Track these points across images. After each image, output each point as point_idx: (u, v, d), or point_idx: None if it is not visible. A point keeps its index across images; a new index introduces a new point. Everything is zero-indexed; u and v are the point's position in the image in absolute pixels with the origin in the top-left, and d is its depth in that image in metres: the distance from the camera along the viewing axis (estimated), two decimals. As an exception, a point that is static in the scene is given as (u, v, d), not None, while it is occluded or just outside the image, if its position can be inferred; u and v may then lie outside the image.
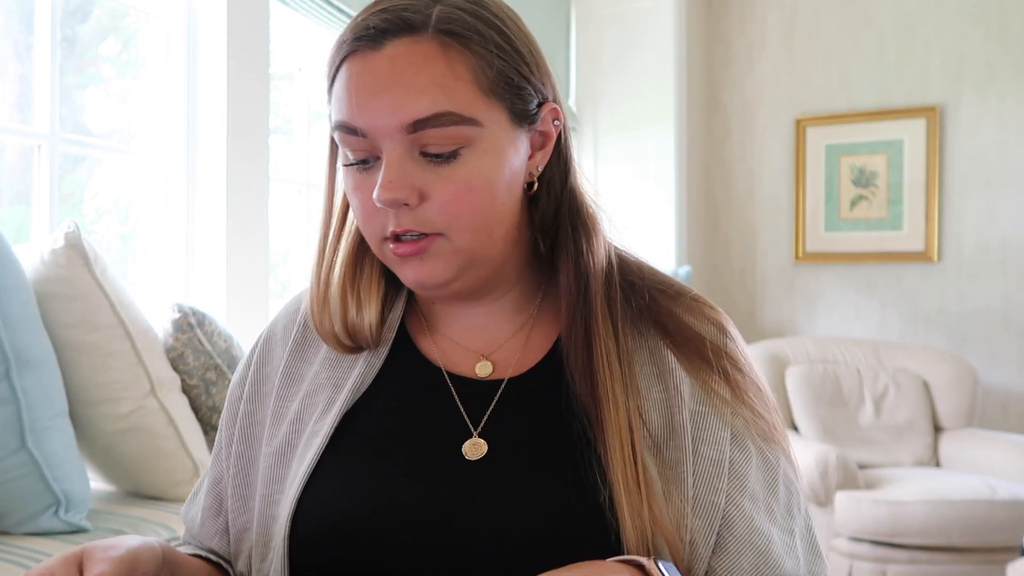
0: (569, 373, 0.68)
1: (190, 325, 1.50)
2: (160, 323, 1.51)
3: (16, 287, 1.19)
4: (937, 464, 3.10)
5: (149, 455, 1.38)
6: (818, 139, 3.83)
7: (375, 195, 0.63)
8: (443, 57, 0.62)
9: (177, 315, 1.50)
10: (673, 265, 3.56)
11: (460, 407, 0.70)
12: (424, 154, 0.64)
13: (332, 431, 0.70)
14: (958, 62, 3.60)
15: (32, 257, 1.33)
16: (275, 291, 2.36)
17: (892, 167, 3.70)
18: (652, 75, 3.57)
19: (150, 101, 2.00)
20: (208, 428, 1.53)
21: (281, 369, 0.75)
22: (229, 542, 0.75)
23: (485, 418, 0.69)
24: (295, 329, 0.77)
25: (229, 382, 1.54)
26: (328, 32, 2.35)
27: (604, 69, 3.65)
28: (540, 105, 0.69)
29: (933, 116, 3.61)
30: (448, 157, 0.63)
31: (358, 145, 0.65)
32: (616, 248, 0.74)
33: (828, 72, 3.83)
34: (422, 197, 0.64)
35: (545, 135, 0.70)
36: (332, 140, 0.70)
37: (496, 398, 0.70)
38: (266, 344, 0.78)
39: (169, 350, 1.49)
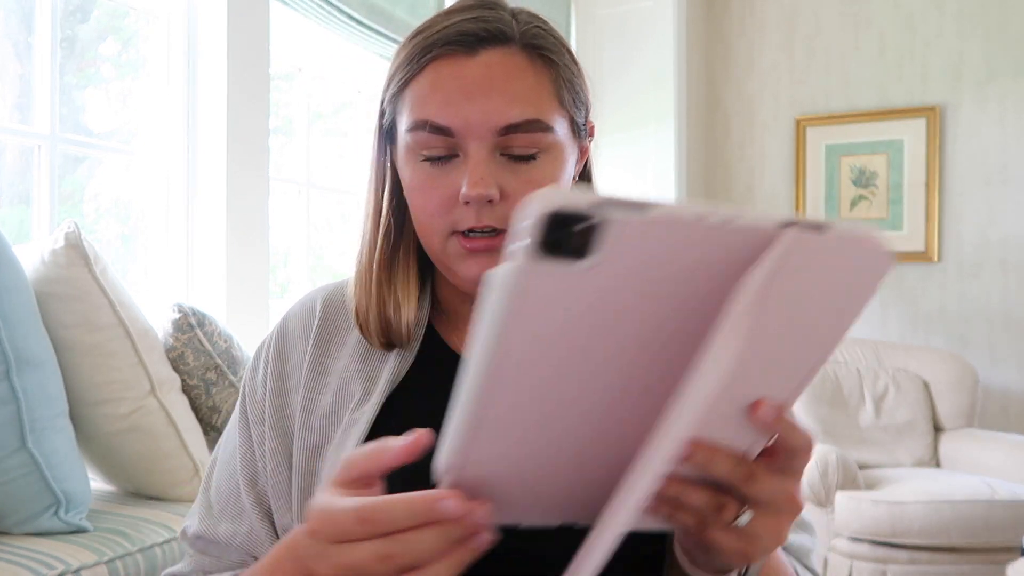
0: None
1: (190, 325, 1.50)
2: (160, 323, 1.51)
3: (16, 287, 1.19)
4: (937, 464, 3.10)
5: (149, 455, 1.38)
6: (818, 139, 3.83)
7: (464, 191, 0.67)
8: (531, 68, 0.69)
9: (177, 315, 1.50)
10: (673, 265, 3.56)
11: None
12: (504, 155, 0.69)
13: (374, 419, 0.71)
14: (958, 62, 3.60)
15: (32, 257, 1.33)
16: (275, 291, 2.36)
17: (892, 167, 3.70)
18: (652, 75, 3.57)
19: (150, 101, 2.00)
20: (208, 428, 1.53)
21: (307, 363, 0.75)
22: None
23: None
24: (315, 324, 0.77)
25: (229, 382, 1.54)
26: (328, 32, 2.35)
27: (604, 69, 3.65)
28: (586, 120, 0.75)
29: (933, 116, 3.61)
30: (527, 159, 0.69)
31: (439, 143, 0.68)
32: None
33: (828, 72, 3.83)
34: (502, 195, 0.68)
35: (584, 148, 0.77)
36: (381, 139, 0.74)
37: None
38: (281, 342, 0.78)
39: (169, 350, 1.49)
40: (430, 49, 0.68)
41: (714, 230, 0.40)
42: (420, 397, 0.73)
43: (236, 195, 1.98)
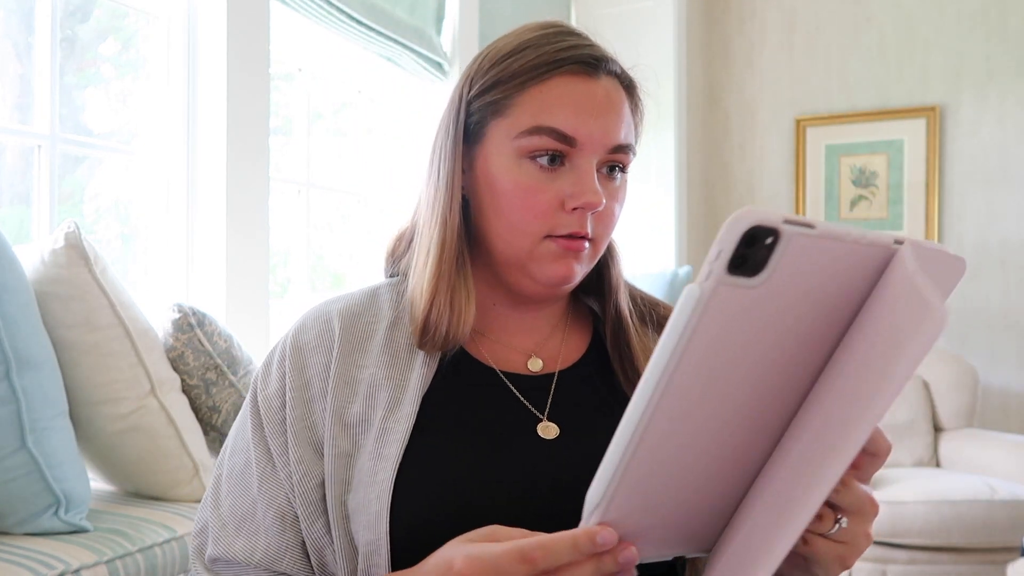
0: (617, 363, 0.80)
1: (190, 325, 1.50)
2: (160, 323, 1.51)
3: (16, 287, 1.19)
4: (937, 464, 3.10)
5: (149, 455, 1.38)
6: (818, 139, 3.83)
7: (585, 199, 0.73)
8: (629, 101, 0.79)
9: (177, 315, 1.50)
10: (673, 265, 3.56)
11: (521, 398, 0.76)
12: (599, 171, 0.76)
13: (412, 425, 0.72)
14: (958, 62, 3.59)
15: (32, 257, 1.33)
16: (275, 291, 2.36)
17: (892, 167, 3.70)
18: (652, 75, 3.57)
19: (150, 101, 2.00)
20: (208, 428, 1.53)
21: (334, 374, 0.75)
22: (303, 556, 0.73)
23: (548, 404, 0.76)
24: (336, 337, 0.77)
25: (229, 382, 1.54)
26: (328, 32, 2.35)
27: (604, 69, 3.65)
28: None
29: (933, 116, 3.61)
30: (615, 178, 0.77)
31: (555, 149, 0.74)
32: None
33: (828, 72, 3.82)
34: None
35: None
36: (459, 140, 0.77)
37: (553, 387, 0.78)
38: (296, 353, 0.77)
39: (169, 350, 1.49)
40: (561, 64, 0.74)
41: (855, 245, 0.42)
42: (449, 399, 0.75)
43: (236, 195, 1.98)
